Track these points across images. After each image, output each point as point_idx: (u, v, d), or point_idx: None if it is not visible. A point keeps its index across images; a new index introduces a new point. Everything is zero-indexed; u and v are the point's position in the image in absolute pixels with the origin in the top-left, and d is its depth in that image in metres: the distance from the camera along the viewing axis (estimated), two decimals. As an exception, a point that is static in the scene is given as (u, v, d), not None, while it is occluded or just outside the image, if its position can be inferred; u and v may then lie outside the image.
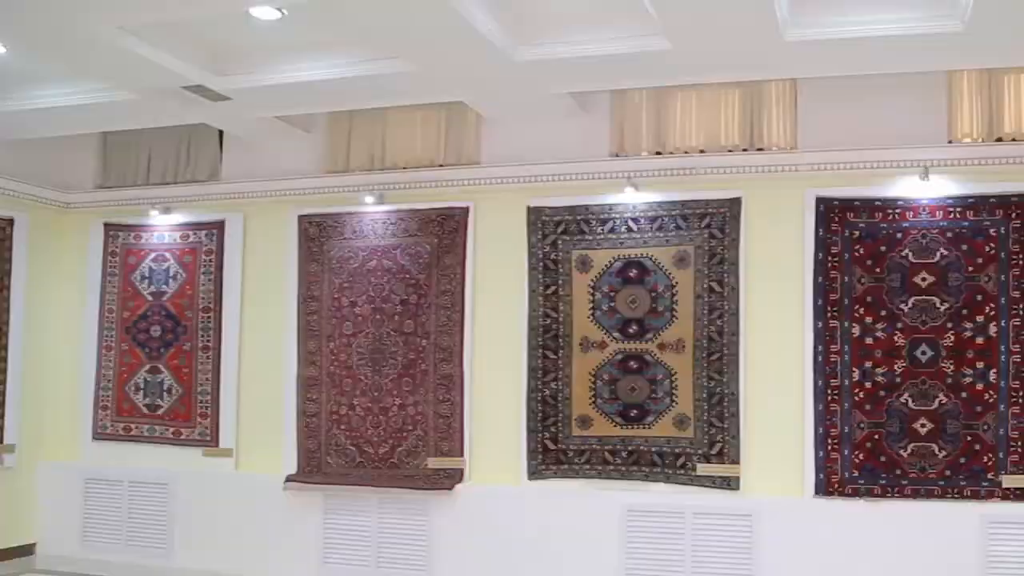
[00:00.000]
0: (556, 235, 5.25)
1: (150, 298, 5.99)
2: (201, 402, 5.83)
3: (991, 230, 4.81)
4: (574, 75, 4.70)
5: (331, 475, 5.51)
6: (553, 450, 5.21)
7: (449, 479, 5.29)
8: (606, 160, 5.20)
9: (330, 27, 4.35)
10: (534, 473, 5.22)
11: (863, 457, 4.86)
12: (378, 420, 5.45)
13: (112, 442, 6.04)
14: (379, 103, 5.25)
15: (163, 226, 6.03)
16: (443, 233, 5.44)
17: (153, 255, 6.02)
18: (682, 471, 5.03)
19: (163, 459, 5.92)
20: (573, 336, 5.20)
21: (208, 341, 5.84)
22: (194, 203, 6.01)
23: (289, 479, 5.54)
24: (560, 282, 5.23)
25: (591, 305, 5.18)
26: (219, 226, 5.89)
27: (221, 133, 5.93)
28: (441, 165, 5.49)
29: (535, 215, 5.28)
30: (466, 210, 5.41)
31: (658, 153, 5.16)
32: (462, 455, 5.33)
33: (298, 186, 5.76)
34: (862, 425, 4.88)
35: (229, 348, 5.82)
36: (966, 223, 4.83)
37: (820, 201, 4.95)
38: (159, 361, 5.95)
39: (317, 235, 5.65)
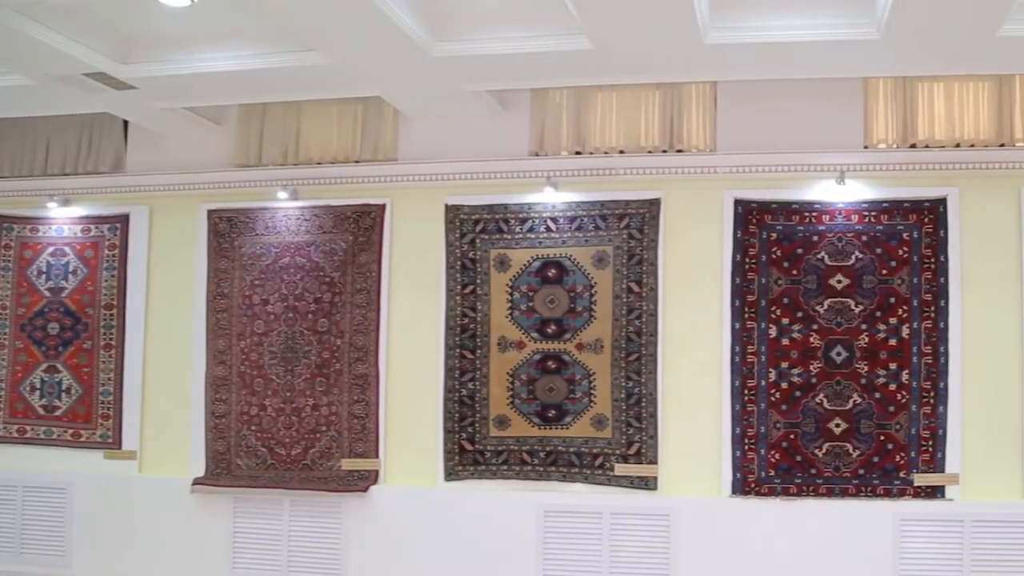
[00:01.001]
0: (474, 234, 5.19)
1: (48, 294, 5.69)
2: (103, 403, 5.59)
3: (904, 234, 4.96)
4: (493, 73, 4.64)
5: (241, 477, 5.33)
6: (470, 451, 5.15)
7: (363, 481, 5.19)
8: (525, 159, 5.17)
9: (243, 16, 4.19)
10: (451, 474, 5.17)
11: (779, 457, 4.96)
12: (290, 421, 5.30)
13: (4, 445, 5.73)
14: (293, 96, 5.12)
15: (62, 219, 5.74)
16: (359, 230, 5.32)
17: (51, 249, 5.73)
18: (600, 471, 5.04)
19: (61, 463, 5.65)
20: (491, 336, 5.15)
21: (111, 339, 5.59)
22: (96, 195, 5.74)
23: (196, 482, 5.36)
24: (478, 281, 5.18)
25: (509, 305, 5.14)
26: (123, 220, 5.65)
27: (126, 123, 5.64)
28: (357, 161, 5.37)
29: (453, 213, 5.22)
30: (382, 207, 5.31)
31: (578, 153, 5.16)
32: (377, 456, 5.23)
33: (207, 180, 5.56)
34: (778, 425, 4.97)
35: (133, 346, 5.58)
36: (880, 227, 4.97)
37: (738, 203, 5.03)
38: (57, 360, 5.67)
39: (227, 231, 5.47)
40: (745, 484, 4.95)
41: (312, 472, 5.26)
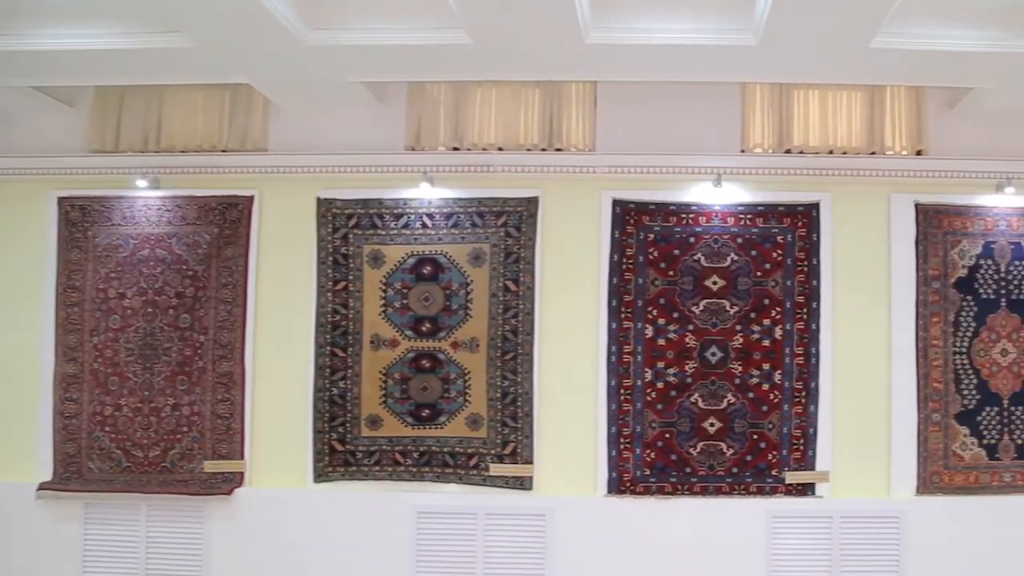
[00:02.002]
0: (347, 229, 5.02)
1: None
2: (-61, 403, 5.17)
3: (779, 237, 5.06)
4: (369, 64, 4.49)
5: (93, 481, 5.03)
6: (341, 451, 5.01)
7: (227, 483, 4.98)
8: (401, 153, 5.04)
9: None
10: (320, 476, 5.01)
11: (654, 456, 5.00)
12: (148, 421, 5.03)
13: None
14: (155, 80, 4.82)
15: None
16: (225, 223, 5.07)
17: None
18: (475, 471, 4.98)
19: None
20: (363, 333, 5.01)
21: (-50, 334, 5.19)
22: (-69, 180, 5.31)
23: (42, 487, 5.02)
24: (351, 277, 5.02)
25: (383, 302, 5.01)
26: (-36, 206, 5.24)
27: (-34, 103, 5.24)
28: (224, 150, 5.11)
29: (325, 207, 5.04)
30: (251, 199, 5.08)
31: (455, 148, 5.06)
32: (242, 458, 5.03)
33: (58, 165, 5.19)
34: (654, 424, 5.01)
35: (-27, 342, 5.18)
36: (756, 230, 5.05)
37: (616, 203, 5.03)
38: None
39: (80, 220, 5.13)
40: (620, 483, 4.97)
41: (172, 475, 5.01)
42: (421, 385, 5.01)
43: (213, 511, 5.00)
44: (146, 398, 5.05)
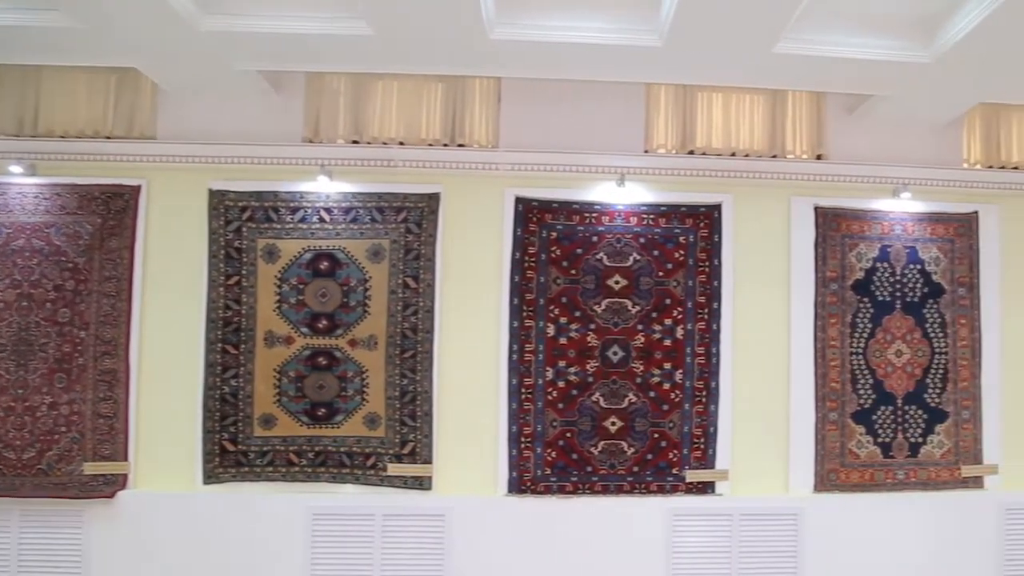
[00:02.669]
0: (241, 222, 4.84)
1: None
2: None
3: (681, 237, 5.07)
4: (266, 53, 4.34)
5: (-40, 485, 4.75)
6: (232, 452, 4.83)
7: (109, 486, 4.77)
8: (299, 145, 4.88)
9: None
10: (210, 477, 4.83)
11: (555, 455, 4.97)
12: (22, 421, 4.77)
13: None
14: (32, 60, 4.55)
15: None
16: (108, 213, 4.83)
17: None
18: (372, 471, 4.87)
19: None
20: (257, 330, 4.84)
21: None
22: None
23: (-99, 492, 4.74)
24: (244, 272, 4.84)
25: (278, 298, 4.85)
26: None
27: None
28: (109, 137, 4.88)
29: (217, 199, 4.85)
30: (137, 189, 4.85)
31: (355, 142, 4.93)
32: (126, 459, 4.82)
33: (-76, 148, 4.89)
34: (555, 423, 4.97)
35: None
36: (658, 230, 5.05)
37: (519, 201, 4.97)
38: None
39: (-53, 207, 4.84)
40: (521, 483, 4.93)
41: (48, 478, 4.76)
42: (317, 383, 4.87)
43: (93, 515, 4.78)
44: (20, 396, 4.78)
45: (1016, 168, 5.37)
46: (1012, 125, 5.39)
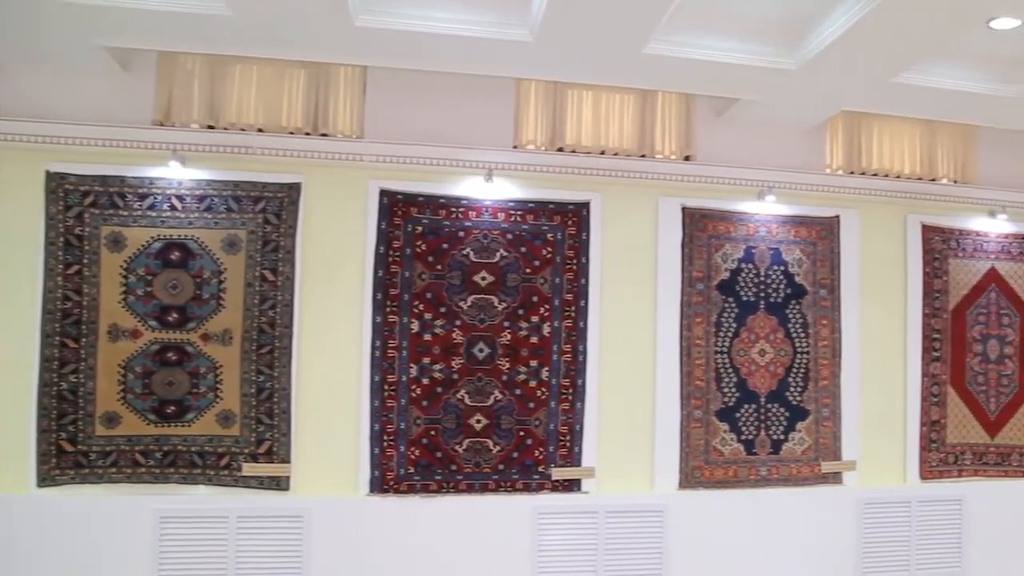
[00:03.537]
0: (83, 207, 4.55)
1: None
2: None
3: (549, 234, 5.04)
4: (113, 28, 4.09)
5: None
6: (71, 452, 4.54)
7: (-75, 491, 4.41)
8: (149, 128, 4.62)
9: None
10: (45, 479, 4.52)
11: (419, 453, 4.86)
12: None
13: None
14: None
15: None
16: (-69, 194, 4.48)
17: None
18: (226, 472, 4.67)
19: None
20: (100, 323, 4.56)
21: None
22: None
23: None
24: (86, 261, 4.55)
25: (123, 289, 4.58)
26: None
27: None
28: (-67, 110, 4.51)
29: (56, 182, 4.53)
30: (-36, 169, 4.50)
31: (210, 127, 4.71)
32: (-55, 462, 4.47)
33: None
34: (419, 421, 4.87)
35: None
36: (526, 226, 5.01)
37: (384, 194, 4.85)
38: None
39: None
40: (384, 482, 4.81)
41: None
42: (166, 380, 4.63)
43: None
44: None
45: (876, 175, 5.57)
46: (872, 133, 5.59)
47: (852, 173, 5.54)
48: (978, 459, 5.68)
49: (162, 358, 4.63)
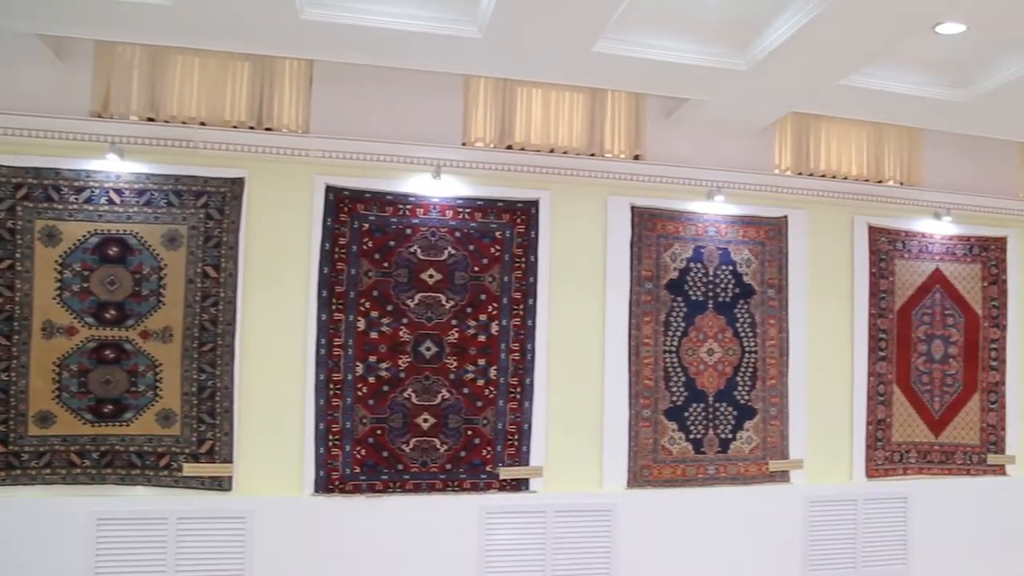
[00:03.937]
0: (15, 200, 4.40)
1: None
2: None
3: (497, 233, 5.01)
4: (46, 14, 3.97)
5: None
6: (2, 453, 4.39)
7: None
8: (85, 119, 4.48)
9: None
10: (-25, 481, 4.39)
11: (365, 453, 4.80)
12: None
13: None
14: None
15: None
16: None
17: None
18: (166, 472, 4.56)
19: None
20: (33, 319, 4.42)
21: None
22: None
23: None
24: (18, 256, 4.40)
25: (58, 285, 4.44)
26: None
27: None
28: None
29: (-12, 175, 4.40)
30: None
31: (150, 119, 4.58)
32: None
33: None
34: (365, 420, 4.81)
35: None
36: (474, 224, 4.97)
37: (330, 190, 4.77)
38: None
39: None
40: (329, 482, 4.74)
41: None
42: (103, 378, 4.50)
43: None
44: None
45: (824, 176, 5.62)
46: (820, 135, 5.64)
47: (800, 174, 5.58)
48: (923, 457, 5.76)
49: (99, 356, 4.50)
